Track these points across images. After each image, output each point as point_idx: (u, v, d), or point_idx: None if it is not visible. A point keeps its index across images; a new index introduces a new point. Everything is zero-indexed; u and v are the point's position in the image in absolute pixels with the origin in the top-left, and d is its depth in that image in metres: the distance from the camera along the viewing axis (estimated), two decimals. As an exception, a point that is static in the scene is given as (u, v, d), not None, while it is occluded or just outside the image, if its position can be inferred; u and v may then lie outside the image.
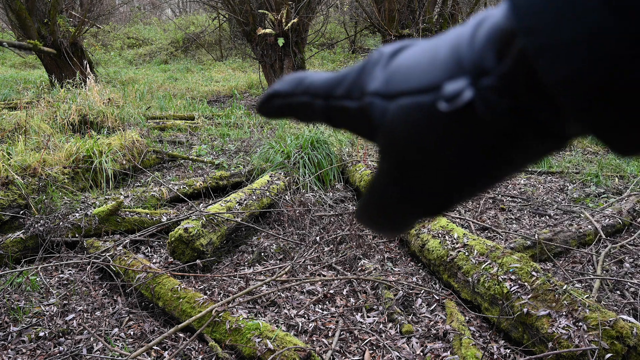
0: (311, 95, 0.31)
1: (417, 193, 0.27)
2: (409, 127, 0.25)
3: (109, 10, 16.48)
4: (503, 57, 0.22)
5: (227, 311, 2.31)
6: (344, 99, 0.29)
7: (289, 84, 0.32)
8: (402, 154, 0.26)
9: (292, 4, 8.83)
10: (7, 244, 3.01)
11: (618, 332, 1.92)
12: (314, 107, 0.31)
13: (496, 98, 0.22)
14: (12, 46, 10.27)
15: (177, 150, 5.85)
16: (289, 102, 0.32)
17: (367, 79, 0.28)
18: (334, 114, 0.30)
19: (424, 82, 0.25)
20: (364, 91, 0.28)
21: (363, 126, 0.29)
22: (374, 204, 0.31)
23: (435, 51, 0.26)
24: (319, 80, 0.31)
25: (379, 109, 0.27)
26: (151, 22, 22.00)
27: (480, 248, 2.64)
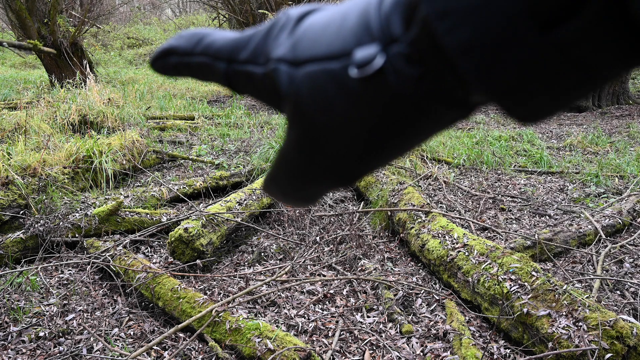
0: (211, 57, 0.29)
1: (325, 161, 0.27)
2: (317, 94, 0.25)
3: (109, 10, 16.47)
4: (410, 24, 0.22)
5: (227, 311, 2.31)
6: (248, 64, 0.28)
7: (187, 41, 0.30)
8: (310, 121, 0.25)
9: (292, 4, 8.83)
10: (7, 244, 3.01)
11: (618, 332, 1.92)
12: (215, 69, 0.29)
13: (405, 65, 0.22)
14: (12, 46, 10.27)
15: (177, 150, 5.85)
16: (186, 61, 0.30)
17: (273, 43, 0.27)
18: (236, 79, 0.29)
19: (333, 48, 0.24)
20: (269, 57, 0.27)
21: (269, 93, 0.28)
22: (282, 173, 0.30)
23: (344, 17, 0.25)
24: (221, 41, 0.29)
25: (285, 75, 0.26)
26: (151, 22, 22.00)
27: (480, 248, 2.64)
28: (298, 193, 0.30)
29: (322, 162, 0.27)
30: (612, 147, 6.06)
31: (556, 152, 6.04)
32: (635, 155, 5.46)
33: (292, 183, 0.30)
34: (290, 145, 0.28)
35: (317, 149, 0.26)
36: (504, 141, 6.26)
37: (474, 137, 6.45)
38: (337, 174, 0.27)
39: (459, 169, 5.22)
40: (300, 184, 0.29)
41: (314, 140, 0.26)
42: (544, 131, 7.30)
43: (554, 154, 5.92)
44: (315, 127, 0.25)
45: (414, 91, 0.23)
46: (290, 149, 0.28)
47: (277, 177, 0.31)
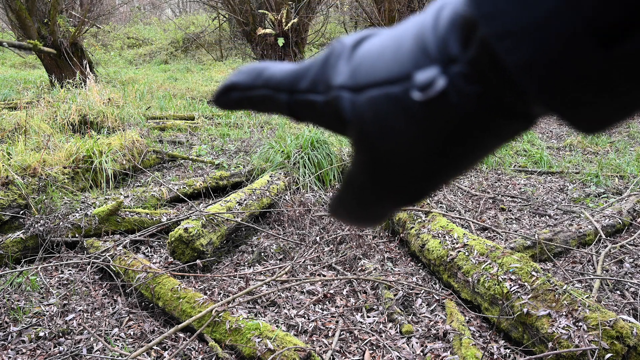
0: (273, 89, 0.30)
1: (393, 182, 0.27)
2: (380, 118, 0.25)
3: (109, 10, 16.48)
4: (468, 44, 0.22)
5: (227, 311, 2.31)
6: (309, 93, 0.29)
7: (248, 76, 0.31)
8: (375, 145, 0.26)
9: (292, 4, 8.83)
10: (7, 244, 3.01)
11: (618, 332, 1.92)
12: (277, 101, 0.30)
13: (465, 84, 0.23)
14: (12, 46, 10.27)
15: (177, 150, 5.85)
16: (248, 95, 0.31)
17: (332, 72, 0.28)
18: (298, 108, 0.30)
19: (392, 72, 0.25)
20: (329, 85, 0.28)
21: (331, 120, 0.29)
22: (350, 196, 0.31)
23: (399, 41, 0.25)
24: (280, 73, 0.30)
25: (347, 102, 0.26)
26: (151, 22, 22.00)
27: (480, 248, 2.64)
28: (366, 214, 0.31)
29: (390, 183, 0.28)
30: (612, 147, 6.06)
31: (556, 152, 6.04)
32: (635, 155, 5.46)
33: (360, 205, 0.31)
34: (357, 169, 0.29)
35: (383, 171, 0.27)
36: (504, 141, 6.25)
37: (474, 137, 6.45)
38: (405, 193, 0.28)
39: (459, 169, 5.21)
40: (368, 206, 0.30)
41: (380, 162, 0.27)
42: (544, 131, 7.30)
43: (554, 154, 5.92)
44: (380, 149, 0.26)
45: (475, 108, 0.23)
46: (357, 172, 0.29)
47: (345, 200, 0.32)
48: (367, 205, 0.30)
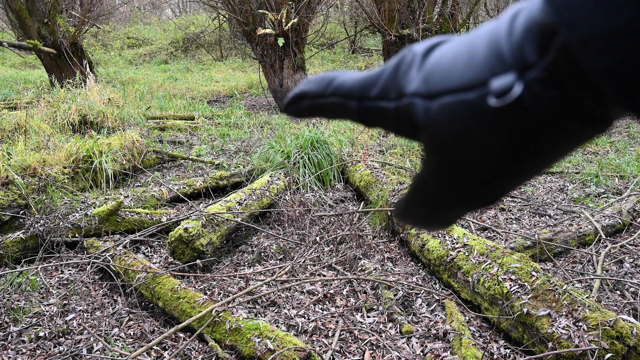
0: (343, 97, 0.31)
1: (467, 187, 0.28)
2: (455, 124, 0.26)
3: (109, 10, 16.47)
4: (545, 50, 0.23)
5: (227, 311, 2.31)
6: (380, 100, 0.30)
7: (318, 85, 0.33)
8: (449, 150, 0.27)
9: (292, 4, 8.83)
10: (7, 244, 3.01)
11: (618, 332, 1.92)
12: (347, 108, 0.31)
13: (542, 90, 0.23)
14: (12, 46, 10.27)
15: (177, 150, 5.85)
16: (319, 103, 0.33)
17: (403, 79, 0.29)
18: (368, 115, 0.31)
19: (466, 79, 0.25)
20: (401, 92, 0.28)
21: (402, 125, 0.29)
22: (420, 200, 0.31)
23: (471, 48, 0.26)
24: (350, 81, 0.31)
25: (420, 109, 0.27)
26: (151, 22, 22.00)
27: (480, 248, 2.64)
28: (436, 218, 0.32)
29: (463, 187, 0.28)
30: (612, 147, 6.06)
31: (556, 152, 6.03)
32: (635, 155, 5.46)
33: (431, 209, 0.31)
34: (429, 173, 0.29)
35: (457, 175, 0.28)
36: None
37: (474, 137, 6.44)
38: (477, 197, 0.29)
39: (459, 169, 5.21)
40: (439, 209, 0.31)
41: (453, 167, 0.27)
42: (544, 131, 7.29)
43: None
44: (454, 154, 0.27)
45: (552, 113, 0.24)
46: (429, 176, 0.29)
47: (413, 204, 0.32)
48: (437, 209, 0.31)
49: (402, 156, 5.34)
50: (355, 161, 4.72)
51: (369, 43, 18.15)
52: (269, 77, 9.51)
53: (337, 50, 17.24)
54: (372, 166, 4.52)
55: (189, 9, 23.82)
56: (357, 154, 4.97)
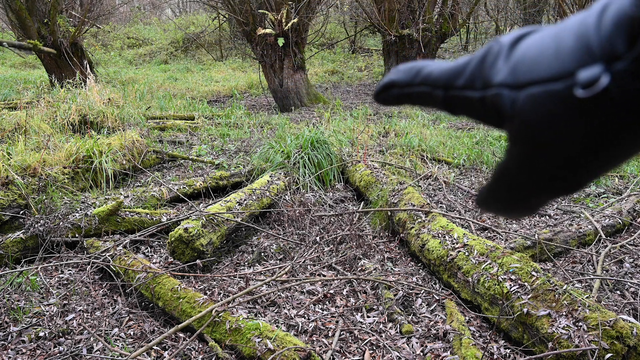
0: (430, 86, 0.33)
1: (550, 175, 0.29)
2: (541, 114, 0.27)
3: (109, 10, 16.47)
4: (634, 42, 0.24)
5: (227, 311, 2.31)
6: (465, 90, 0.31)
7: (407, 74, 0.34)
8: (535, 138, 0.28)
9: (292, 4, 8.82)
10: (7, 244, 3.01)
11: (618, 332, 1.92)
12: (434, 96, 0.33)
13: (630, 81, 0.24)
14: (12, 46, 10.26)
15: (177, 150, 5.85)
16: (407, 92, 0.34)
17: (490, 70, 0.30)
18: (453, 103, 0.32)
19: (553, 70, 0.26)
20: (488, 83, 0.29)
21: (487, 114, 0.31)
22: (503, 187, 0.32)
23: (558, 39, 0.27)
24: (437, 71, 0.33)
25: (507, 99, 0.28)
26: (151, 22, 22.00)
27: (480, 248, 2.64)
28: (518, 205, 0.33)
29: (545, 175, 0.29)
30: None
31: (556, 152, 6.03)
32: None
33: (514, 196, 0.32)
34: (513, 161, 0.30)
35: (540, 164, 0.29)
36: (504, 141, 6.25)
37: (474, 137, 6.45)
38: (561, 185, 0.29)
39: (459, 169, 5.21)
40: (521, 197, 0.32)
41: (537, 155, 0.28)
42: (544, 131, 7.30)
43: None
44: (540, 143, 0.28)
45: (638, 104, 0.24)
46: (513, 164, 0.30)
47: (497, 192, 0.33)
48: (520, 197, 0.32)
49: (402, 156, 5.34)
50: (355, 161, 4.72)
51: (369, 43, 18.15)
52: (269, 77, 9.50)
53: (337, 50, 17.24)
54: (372, 166, 4.52)
55: (189, 9, 23.81)
56: (357, 154, 4.97)
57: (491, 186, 0.34)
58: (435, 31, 11.53)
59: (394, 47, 11.70)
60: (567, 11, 9.28)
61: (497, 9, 18.49)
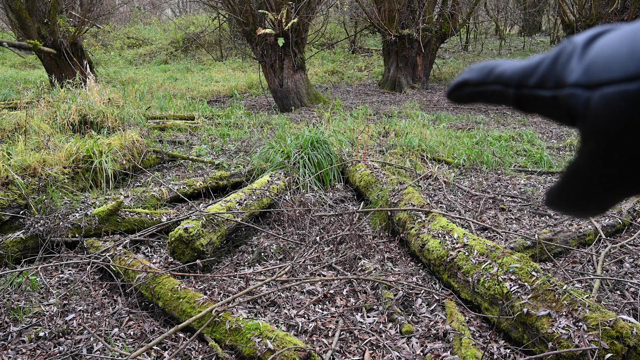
0: (502, 84, 0.33)
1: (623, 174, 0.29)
2: (615, 114, 0.27)
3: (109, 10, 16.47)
4: None
5: (227, 311, 2.31)
6: (537, 89, 0.31)
7: (479, 73, 0.35)
8: (607, 139, 0.28)
9: (292, 4, 8.82)
10: (7, 244, 3.01)
11: (618, 332, 1.92)
12: (506, 95, 0.33)
13: None
14: (12, 46, 10.26)
15: (177, 150, 5.85)
16: (480, 90, 0.35)
17: (563, 70, 0.30)
18: (525, 102, 0.33)
19: (629, 71, 0.26)
20: (561, 82, 0.30)
21: (559, 113, 0.31)
22: (574, 187, 0.32)
23: (634, 39, 0.27)
24: (510, 70, 0.33)
25: (581, 99, 0.28)
26: (151, 22, 22.00)
27: (480, 248, 2.64)
28: (590, 205, 0.33)
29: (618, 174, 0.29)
30: (612, 147, 6.05)
31: (556, 152, 6.04)
32: (635, 155, 5.45)
33: (586, 196, 0.32)
34: (585, 160, 0.30)
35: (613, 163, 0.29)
36: (504, 141, 6.26)
37: (474, 137, 6.45)
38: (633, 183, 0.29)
39: (459, 169, 5.21)
40: (594, 196, 0.32)
41: (610, 155, 0.28)
42: (544, 131, 7.30)
43: (554, 154, 5.92)
44: (612, 143, 0.28)
45: None
46: (585, 163, 0.30)
47: (567, 191, 0.33)
48: (592, 196, 0.32)
49: (402, 156, 5.34)
50: (355, 161, 4.72)
51: (369, 43, 18.15)
52: (269, 77, 9.50)
53: (337, 50, 17.25)
54: (372, 166, 4.52)
55: (189, 9, 23.81)
56: (357, 154, 4.97)
57: (561, 186, 0.34)
58: (435, 31, 11.53)
59: (394, 47, 11.69)
60: (567, 11, 9.27)
61: (497, 9, 18.48)
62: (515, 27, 21.22)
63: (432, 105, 9.92)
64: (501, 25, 19.09)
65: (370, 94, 11.54)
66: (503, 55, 16.31)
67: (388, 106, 9.67)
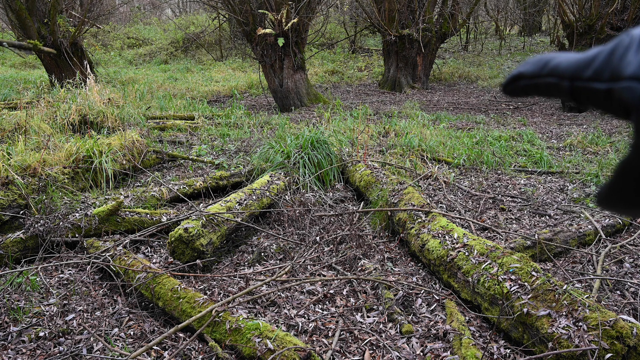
0: (557, 77, 0.33)
1: None
2: None
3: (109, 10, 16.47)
4: None
5: (227, 311, 2.31)
6: (592, 81, 0.31)
7: (535, 66, 0.35)
8: None
9: (292, 4, 8.82)
10: (7, 244, 3.01)
11: (618, 332, 1.92)
12: (560, 87, 0.33)
13: None
14: (12, 46, 10.26)
15: (177, 150, 5.85)
16: (535, 83, 0.35)
17: (620, 62, 0.30)
18: (579, 94, 0.33)
19: None
20: (617, 75, 0.30)
21: (613, 105, 0.31)
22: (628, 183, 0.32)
23: None
24: (565, 63, 0.33)
25: (637, 92, 0.28)
26: (151, 22, 22.00)
27: (480, 248, 2.64)
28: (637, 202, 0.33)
29: None
30: (612, 147, 6.06)
31: (556, 152, 6.04)
32: (635, 155, 5.45)
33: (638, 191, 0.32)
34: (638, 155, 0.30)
35: None
36: (504, 141, 6.26)
37: (474, 137, 6.45)
38: None
39: (459, 169, 5.21)
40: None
41: None
42: (544, 131, 7.30)
43: (554, 154, 5.91)
44: None
45: None
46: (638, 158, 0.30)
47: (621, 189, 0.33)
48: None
49: (402, 156, 5.34)
50: (355, 161, 4.72)
51: (369, 43, 18.14)
52: (269, 77, 9.50)
53: (337, 50, 17.24)
54: (372, 166, 4.52)
55: (189, 9, 23.81)
56: (357, 154, 4.97)
57: (615, 183, 0.33)
58: (435, 31, 11.53)
59: (394, 47, 11.69)
60: (567, 11, 9.27)
61: (497, 9, 18.49)
62: (515, 27, 21.22)
63: (432, 105, 9.92)
64: (501, 25, 19.08)
65: (370, 94, 11.54)
66: (503, 55, 16.30)
67: (388, 106, 9.67)
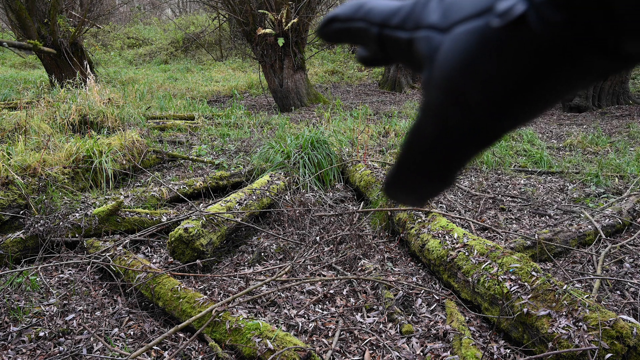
0: (368, 22, 0.31)
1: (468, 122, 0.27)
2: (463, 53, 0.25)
3: (109, 10, 16.47)
4: None
5: (227, 311, 2.31)
6: (397, 30, 0.29)
7: (350, 8, 0.33)
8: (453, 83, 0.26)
9: (292, 4, 8.82)
10: (7, 244, 3.01)
11: (618, 332, 1.92)
12: (369, 34, 0.31)
13: (551, 11, 0.22)
14: (12, 46, 10.26)
15: (177, 150, 5.85)
16: (347, 27, 0.33)
17: (422, 10, 0.28)
18: (386, 43, 0.31)
19: (477, 6, 0.25)
20: (419, 24, 0.28)
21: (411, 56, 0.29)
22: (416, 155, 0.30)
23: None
24: (377, 7, 0.31)
25: (434, 42, 0.27)
26: (151, 22, 22.00)
27: (480, 248, 2.64)
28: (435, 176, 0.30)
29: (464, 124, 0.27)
30: (612, 147, 6.06)
31: (556, 152, 6.04)
32: (635, 155, 5.46)
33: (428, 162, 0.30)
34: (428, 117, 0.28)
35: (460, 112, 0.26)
36: (504, 141, 6.26)
37: (474, 137, 6.44)
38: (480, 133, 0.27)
39: (459, 169, 5.21)
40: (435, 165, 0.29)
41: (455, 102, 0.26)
42: (544, 131, 7.30)
43: (554, 154, 5.91)
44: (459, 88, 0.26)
45: (560, 37, 0.22)
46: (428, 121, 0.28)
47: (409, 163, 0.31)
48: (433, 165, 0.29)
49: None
50: (355, 161, 4.72)
51: (369, 43, 18.13)
52: (269, 77, 9.50)
53: (337, 50, 17.25)
54: (372, 166, 4.52)
55: (189, 9, 23.81)
56: (357, 154, 4.97)
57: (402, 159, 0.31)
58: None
59: (394, 47, 11.68)
60: None
61: (497, 9, 18.49)
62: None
63: (432, 105, 9.91)
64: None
65: (370, 94, 11.54)
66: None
67: (388, 106, 9.67)
